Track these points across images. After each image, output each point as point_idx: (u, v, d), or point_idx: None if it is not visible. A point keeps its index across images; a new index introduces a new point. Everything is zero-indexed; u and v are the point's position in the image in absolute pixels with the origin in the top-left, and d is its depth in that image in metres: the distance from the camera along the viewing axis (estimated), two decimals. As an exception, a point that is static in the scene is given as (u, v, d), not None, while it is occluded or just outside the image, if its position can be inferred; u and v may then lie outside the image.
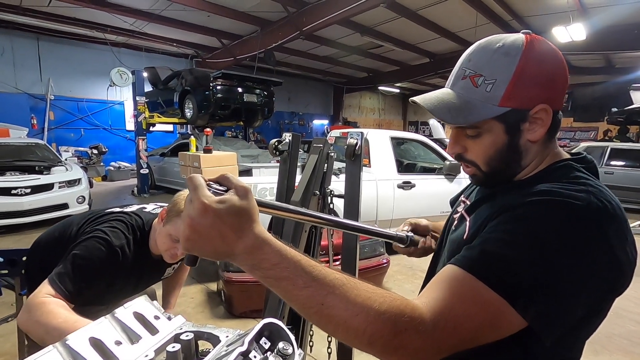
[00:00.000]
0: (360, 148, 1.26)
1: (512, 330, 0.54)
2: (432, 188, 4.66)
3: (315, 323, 0.52)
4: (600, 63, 11.77)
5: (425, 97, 0.70)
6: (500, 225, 0.58)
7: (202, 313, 3.11)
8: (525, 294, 0.52)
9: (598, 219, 0.54)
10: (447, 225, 0.84)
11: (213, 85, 6.81)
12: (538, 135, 0.65)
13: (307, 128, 16.41)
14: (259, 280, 0.51)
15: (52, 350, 0.56)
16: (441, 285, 0.57)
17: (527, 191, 0.60)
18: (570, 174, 0.63)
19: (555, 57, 0.64)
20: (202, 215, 0.46)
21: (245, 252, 0.48)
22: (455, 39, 9.84)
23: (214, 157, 3.95)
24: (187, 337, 0.66)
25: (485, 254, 0.56)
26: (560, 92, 0.65)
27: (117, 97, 11.09)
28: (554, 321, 0.53)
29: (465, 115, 0.64)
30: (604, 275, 0.54)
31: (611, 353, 2.62)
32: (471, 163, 0.71)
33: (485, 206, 0.69)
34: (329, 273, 0.51)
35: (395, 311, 0.50)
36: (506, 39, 0.64)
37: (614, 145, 8.24)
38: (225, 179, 0.51)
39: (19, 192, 5.11)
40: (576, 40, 7.58)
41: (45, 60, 9.78)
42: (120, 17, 8.08)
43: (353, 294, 0.51)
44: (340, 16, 7.18)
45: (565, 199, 0.55)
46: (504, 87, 0.62)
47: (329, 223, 0.72)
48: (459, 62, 0.69)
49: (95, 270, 1.14)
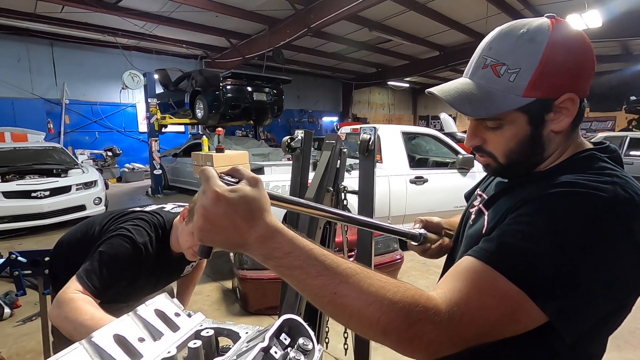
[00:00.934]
0: (374, 143, 1.25)
1: (532, 324, 0.52)
2: (445, 183, 4.60)
3: (329, 313, 0.52)
4: (616, 50, 11.40)
5: (443, 87, 0.66)
6: (520, 217, 0.56)
7: (218, 310, 3.15)
8: (546, 288, 0.50)
9: (624, 213, 0.52)
10: (463, 219, 0.81)
11: (223, 85, 6.86)
12: (563, 125, 0.61)
13: (316, 125, 16.38)
14: (272, 270, 0.51)
15: (78, 348, 0.57)
16: (458, 276, 0.55)
17: (549, 182, 0.57)
18: (594, 164, 0.60)
19: (583, 42, 0.59)
20: (214, 204, 0.46)
21: (258, 241, 0.48)
22: (465, 31, 9.66)
23: (226, 157, 3.98)
24: (208, 333, 0.67)
25: (504, 246, 0.54)
26: (587, 79, 0.61)
27: (130, 99, 11.27)
28: (575, 318, 0.51)
29: (487, 107, 0.61)
30: (628, 272, 0.52)
31: (635, 348, 2.55)
32: (489, 155, 0.67)
33: (505, 199, 0.66)
34: (341, 262, 0.51)
35: (409, 300, 0.50)
36: (530, 23, 0.60)
37: (633, 135, 8.00)
38: (236, 171, 0.51)
39: (39, 195, 5.25)
40: (592, 27, 7.36)
41: (59, 66, 10.00)
42: (130, 20, 8.20)
43: (366, 283, 0.50)
44: (348, 11, 7.12)
45: (590, 190, 0.53)
46: (528, 76, 0.58)
47: (339, 217, 0.70)
48: (479, 49, 0.64)
49: (120, 266, 1.17)
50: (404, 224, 4.54)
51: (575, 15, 7.12)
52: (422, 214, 0.98)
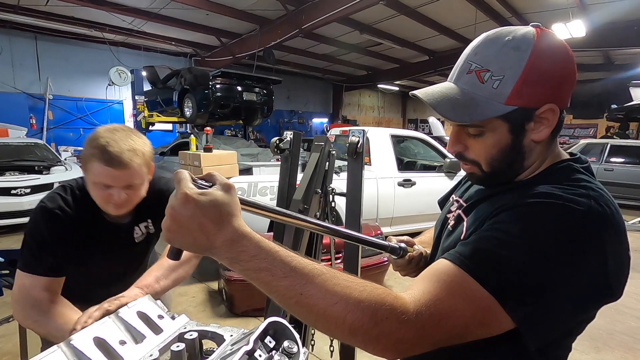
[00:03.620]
0: (362, 146, 1.26)
1: (501, 329, 0.54)
2: (433, 186, 4.66)
3: (297, 314, 0.52)
4: (599, 60, 11.74)
5: (428, 91, 0.66)
6: (497, 224, 0.57)
7: (204, 312, 3.11)
8: (516, 295, 0.52)
9: (597, 226, 0.54)
10: (441, 226, 0.81)
11: (212, 84, 6.79)
12: (543, 136, 0.62)
13: (306, 126, 16.37)
14: (239, 273, 0.51)
15: (56, 351, 0.56)
16: (431, 278, 0.56)
17: (527, 192, 0.58)
18: (572, 175, 0.62)
19: (565, 53, 0.60)
20: (183, 205, 0.47)
21: (225, 244, 0.49)
22: (454, 37, 9.82)
23: (214, 156, 3.94)
24: (192, 336, 0.66)
25: (479, 251, 0.55)
26: (568, 90, 0.62)
27: (116, 96, 11.04)
28: (541, 326, 0.53)
29: (470, 112, 0.61)
30: (596, 284, 0.54)
31: (612, 350, 2.62)
32: (472, 162, 0.68)
33: (484, 205, 0.67)
34: (308, 263, 0.52)
35: (376, 299, 0.50)
36: (516, 31, 0.60)
37: (613, 142, 8.25)
38: (211, 176, 0.52)
39: (19, 192, 5.10)
40: (576, 37, 7.56)
41: (43, 60, 9.73)
42: (118, 16, 8.05)
43: (332, 283, 0.51)
44: (340, 14, 7.15)
45: (566, 202, 0.54)
46: (512, 83, 0.59)
47: (310, 226, 0.66)
48: (464, 54, 0.65)
49: (44, 236, 1.10)
50: (392, 226, 4.57)
51: (560, 24, 7.31)
52: (410, 217, 0.99)
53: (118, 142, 1.05)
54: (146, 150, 1.14)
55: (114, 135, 1.07)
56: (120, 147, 1.05)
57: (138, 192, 1.15)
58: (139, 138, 1.14)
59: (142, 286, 1.05)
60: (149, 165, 1.16)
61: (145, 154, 1.13)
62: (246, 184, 3.80)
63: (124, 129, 1.13)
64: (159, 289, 1.10)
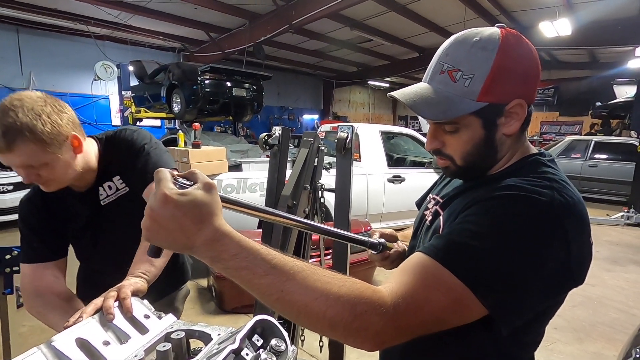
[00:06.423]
0: (351, 142, 1.26)
1: (474, 316, 0.57)
2: (422, 182, 4.69)
3: (279, 311, 0.53)
4: (585, 58, 11.97)
5: (404, 91, 0.70)
6: (468, 217, 0.61)
7: (193, 309, 3.09)
8: (487, 283, 0.55)
9: (559, 215, 0.57)
10: (418, 222, 0.84)
11: (201, 79, 6.70)
12: (513, 129, 0.66)
13: (296, 122, 16.30)
14: (220, 272, 0.52)
15: (36, 352, 0.54)
16: (407, 271, 0.59)
17: (496, 185, 0.62)
18: (538, 168, 0.65)
19: (530, 52, 0.65)
20: (162, 206, 0.47)
21: (205, 244, 0.49)
22: (444, 34, 9.86)
23: (202, 152, 3.89)
24: (178, 335, 0.65)
25: (452, 243, 0.58)
26: (534, 86, 0.66)
27: (102, 91, 10.80)
28: (512, 311, 0.57)
29: (444, 110, 0.64)
30: (559, 270, 0.57)
31: (595, 340, 2.70)
32: (448, 157, 0.71)
33: (459, 200, 0.71)
34: (288, 261, 0.53)
35: (355, 294, 0.53)
36: (482, 32, 0.64)
37: (597, 139, 8.43)
38: (193, 175, 0.52)
39: (1, 190, 4.98)
40: (562, 35, 7.69)
41: (26, 53, 9.44)
42: (104, 9, 7.84)
43: (312, 279, 0.52)
44: (330, 9, 7.11)
45: (530, 194, 0.58)
46: (482, 81, 0.62)
47: (291, 222, 0.66)
48: (436, 55, 0.68)
49: (27, 223, 1.15)
50: (382, 222, 4.60)
51: (547, 22, 7.42)
52: (400, 213, 1.00)
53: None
54: (37, 126, 0.92)
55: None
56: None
57: (54, 170, 0.99)
58: (30, 110, 0.92)
59: (140, 273, 0.98)
60: (49, 141, 0.95)
61: (36, 131, 0.91)
62: (235, 180, 3.77)
63: (17, 98, 0.93)
64: (155, 271, 1.02)
